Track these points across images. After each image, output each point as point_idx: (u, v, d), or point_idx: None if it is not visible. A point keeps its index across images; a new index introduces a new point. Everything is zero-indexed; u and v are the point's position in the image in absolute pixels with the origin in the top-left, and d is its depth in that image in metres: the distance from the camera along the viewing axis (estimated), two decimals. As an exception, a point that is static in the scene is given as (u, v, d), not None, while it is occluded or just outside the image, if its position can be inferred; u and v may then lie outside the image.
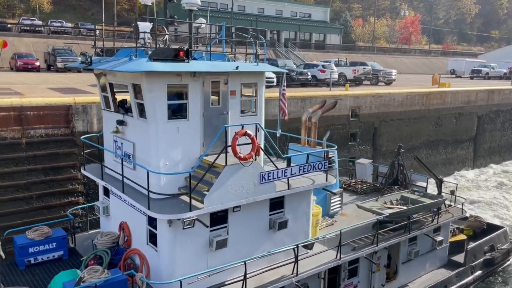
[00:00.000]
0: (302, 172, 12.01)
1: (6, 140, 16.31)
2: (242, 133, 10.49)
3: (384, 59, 70.67)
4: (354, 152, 30.38)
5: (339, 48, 74.09)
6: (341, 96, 29.26)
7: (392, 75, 42.51)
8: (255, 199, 11.04)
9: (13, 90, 21.11)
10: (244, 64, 11.98)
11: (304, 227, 12.91)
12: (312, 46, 71.48)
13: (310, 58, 57.92)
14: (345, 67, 40.76)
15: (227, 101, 11.73)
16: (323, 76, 36.13)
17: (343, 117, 29.32)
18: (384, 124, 31.97)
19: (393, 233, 14.64)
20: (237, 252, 11.34)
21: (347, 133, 29.75)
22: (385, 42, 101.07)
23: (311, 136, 16.22)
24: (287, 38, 70.08)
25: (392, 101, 32.38)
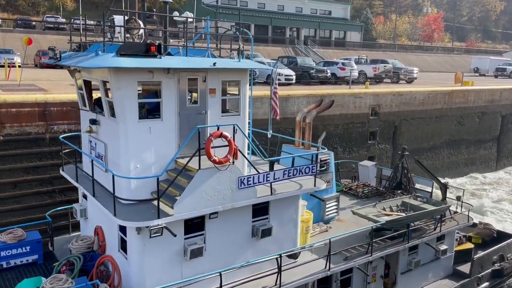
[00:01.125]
0: (287, 177, 11.12)
1: (30, 135, 16.73)
2: (217, 134, 9.69)
3: (406, 57, 69.66)
4: (374, 151, 30.12)
5: (360, 46, 73.35)
6: (361, 94, 29.03)
7: (413, 73, 41.91)
8: (233, 205, 10.26)
9: (37, 86, 21.60)
10: (224, 60, 11.13)
11: (291, 234, 12.06)
12: (332, 44, 70.95)
13: (330, 56, 57.52)
14: (365, 65, 40.37)
15: (206, 100, 10.93)
16: (343, 74, 35.85)
17: (362, 116, 29.08)
18: (404, 122, 31.58)
19: (391, 242, 13.71)
20: (215, 261, 10.62)
21: (366, 131, 29.49)
22: (407, 40, 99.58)
23: (305, 137, 15.29)
24: (307, 35, 69.72)
25: (413, 99, 31.93)
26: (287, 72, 32.56)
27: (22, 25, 47.83)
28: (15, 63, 28.76)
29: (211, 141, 9.56)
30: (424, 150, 33.37)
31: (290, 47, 62.11)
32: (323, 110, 16.54)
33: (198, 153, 9.61)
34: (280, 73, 32.10)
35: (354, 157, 28.95)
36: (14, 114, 16.86)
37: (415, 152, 32.78)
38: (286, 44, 64.08)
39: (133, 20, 10.46)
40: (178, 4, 75.04)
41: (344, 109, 28.05)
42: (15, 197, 16.87)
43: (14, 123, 16.83)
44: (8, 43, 39.72)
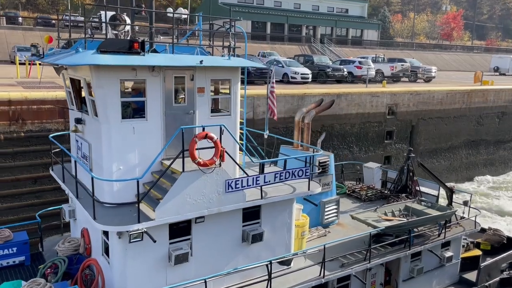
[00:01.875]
0: (279, 180, 10.63)
1: (50, 131, 17.05)
2: (202, 135, 9.24)
3: (424, 56, 68.77)
4: (390, 151, 29.87)
5: (377, 44, 72.69)
6: (378, 93, 28.79)
7: (431, 72, 41.39)
8: (220, 209, 9.79)
9: (57, 84, 21.97)
10: (213, 58, 10.70)
11: (285, 239, 11.55)
12: (348, 42, 70.45)
13: (347, 54, 57.14)
14: (382, 64, 40.01)
15: (194, 99, 10.46)
16: (360, 73, 35.60)
17: (379, 115, 28.85)
18: (422, 122, 31.22)
19: (391, 248, 13.16)
20: (203, 267, 10.20)
21: (383, 131, 29.26)
22: (425, 38, 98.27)
23: (303, 138, 14.72)
24: (323, 33, 69.37)
25: (431, 98, 31.54)
26: (303, 70, 32.48)
27: (42, 23, 48.66)
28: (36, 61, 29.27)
29: (196, 143, 9.17)
30: (442, 150, 32.94)
31: (307, 46, 61.89)
32: (322, 110, 15.98)
33: (182, 155, 9.18)
34: (296, 72, 32.06)
35: (371, 156, 28.75)
36: (35, 111, 17.24)
37: (432, 152, 32.41)
38: (302, 42, 63.86)
39: (119, 16, 10.09)
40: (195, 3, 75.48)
41: (360, 108, 27.87)
42: (34, 193, 17.24)
43: (35, 120, 17.20)
44: (28, 41, 40.48)
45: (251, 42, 56.54)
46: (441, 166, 33.30)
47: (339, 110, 26.85)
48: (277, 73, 31.87)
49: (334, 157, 26.65)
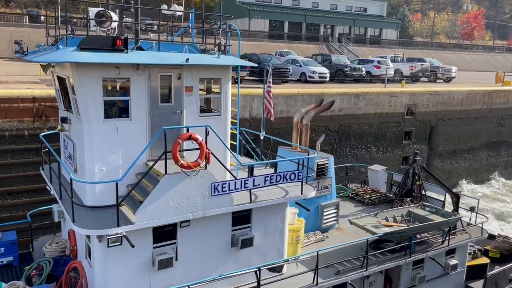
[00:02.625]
0: (269, 183, 10.18)
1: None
2: (185, 136, 8.92)
3: (444, 55, 67.77)
4: (408, 151, 29.59)
5: (396, 44, 71.89)
6: (397, 93, 28.55)
7: (451, 72, 40.79)
8: (205, 213, 9.46)
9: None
10: (200, 56, 10.27)
11: (277, 245, 11.11)
12: (367, 41, 69.84)
13: (365, 54, 56.70)
14: (401, 63, 39.61)
15: (181, 98, 10.08)
16: (378, 72, 35.33)
17: (397, 115, 28.61)
18: (441, 123, 30.84)
19: (390, 255, 12.66)
20: (189, 272, 9.84)
21: (401, 131, 29.01)
22: (445, 38, 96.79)
23: (301, 140, 14.30)
24: (341, 33, 68.94)
25: (451, 99, 31.13)
26: (321, 70, 32.39)
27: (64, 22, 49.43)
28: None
29: (179, 144, 8.85)
30: (461, 151, 32.49)
31: (324, 45, 61.59)
32: (322, 111, 15.52)
33: (164, 157, 8.89)
34: (314, 71, 31.99)
35: (388, 157, 28.56)
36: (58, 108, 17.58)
37: (452, 153, 31.98)
38: (320, 41, 63.58)
39: (104, 13, 9.68)
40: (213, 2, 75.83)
41: (379, 108, 27.68)
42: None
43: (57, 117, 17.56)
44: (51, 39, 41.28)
45: (268, 41, 56.60)
46: (460, 168, 32.84)
47: (357, 110, 26.73)
48: (294, 72, 31.85)
49: (352, 157, 26.71)
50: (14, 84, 19.71)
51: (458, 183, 32.70)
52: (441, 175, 31.85)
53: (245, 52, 40.40)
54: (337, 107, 25.82)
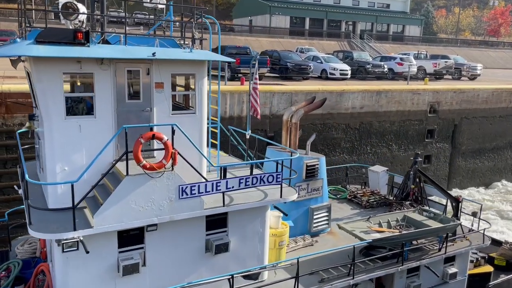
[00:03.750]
0: (245, 186, 9.57)
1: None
2: (147, 136, 8.46)
3: (469, 53, 66.32)
4: (431, 150, 29.16)
5: (419, 40, 70.72)
6: (420, 90, 28.11)
7: (476, 69, 39.91)
8: (172, 217, 8.92)
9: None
10: (170, 51, 9.72)
11: (256, 250, 10.48)
12: (389, 38, 68.91)
13: (387, 51, 55.96)
14: (425, 60, 38.94)
15: (151, 95, 9.56)
16: (401, 69, 34.83)
17: (420, 113, 28.19)
18: (465, 121, 30.25)
19: (381, 263, 11.94)
20: (158, 279, 9.37)
21: (424, 129, 28.58)
22: (470, 34, 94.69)
23: (291, 139, 13.61)
24: (363, 29, 68.18)
25: (475, 97, 30.48)
26: (342, 66, 32.14)
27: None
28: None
29: (141, 144, 8.38)
30: (485, 150, 31.81)
31: (346, 41, 61.07)
32: (313, 109, 14.69)
33: (126, 157, 8.44)
34: (335, 68, 31.77)
35: (410, 155, 28.13)
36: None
37: (476, 152, 31.36)
38: (341, 38, 63.06)
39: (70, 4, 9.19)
40: (234, -2, 75.90)
41: (401, 106, 27.32)
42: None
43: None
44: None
45: (289, 38, 56.43)
46: (484, 167, 32.17)
47: (378, 107, 26.45)
48: (315, 69, 31.69)
49: (372, 155, 26.47)
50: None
51: (482, 183, 32.07)
52: (464, 174, 31.31)
53: (266, 48, 40.41)
54: (358, 104, 25.61)
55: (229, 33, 54.13)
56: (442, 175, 30.23)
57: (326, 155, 24.75)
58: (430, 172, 29.53)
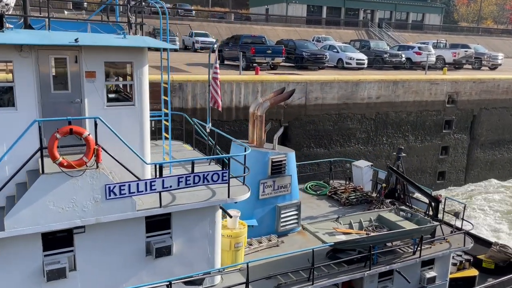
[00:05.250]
0: (185, 185, 8.84)
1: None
2: (64, 131, 7.73)
3: (490, 42, 64.69)
4: (448, 141, 28.72)
5: (439, 29, 69.20)
6: (438, 80, 27.63)
7: (497, 59, 38.92)
8: (99, 219, 8.22)
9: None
10: (99, 37, 8.95)
11: (206, 253, 9.79)
12: (408, 27, 67.60)
13: (406, 40, 54.97)
14: (444, 50, 38.16)
15: (81, 85, 8.76)
16: (419, 59, 34.22)
17: (438, 103, 27.74)
18: (484, 112, 29.66)
19: (347, 267, 11.13)
20: (91, 284, 8.74)
21: (441, 120, 28.15)
22: (492, 23, 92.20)
23: (255, 132, 12.71)
24: (382, 18, 67.01)
25: (495, 87, 29.81)
26: (359, 56, 31.76)
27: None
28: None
29: (57, 139, 7.71)
30: (505, 142, 31.19)
31: (363, 30, 60.15)
32: (280, 101, 13.85)
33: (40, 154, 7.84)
34: (351, 57, 31.43)
35: (427, 146, 27.83)
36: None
37: (495, 144, 30.78)
38: (359, 27, 62.12)
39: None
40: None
41: (418, 96, 26.93)
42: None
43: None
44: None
45: (306, 27, 55.88)
46: (504, 159, 31.57)
47: (395, 97, 26.12)
48: (331, 58, 31.39)
49: (388, 146, 26.21)
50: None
51: (501, 175, 31.50)
52: (482, 166, 30.78)
53: (282, 38, 40.14)
54: (374, 94, 25.33)
55: (245, 22, 53.87)
56: (460, 167, 29.80)
57: (341, 145, 24.74)
58: (447, 163, 29.16)
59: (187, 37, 42.12)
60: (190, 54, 36.79)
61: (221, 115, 20.86)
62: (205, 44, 39.73)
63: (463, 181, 30.16)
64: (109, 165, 8.38)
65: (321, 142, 24.08)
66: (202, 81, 20.41)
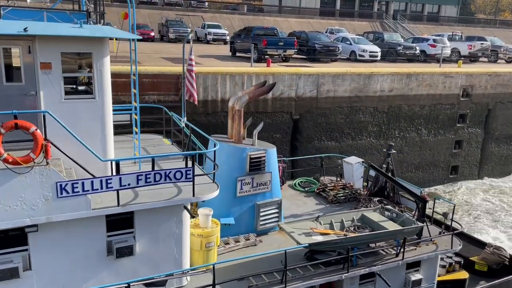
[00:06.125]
0: (144, 183, 8.39)
1: (125, 103, 18.17)
2: (9, 125, 7.34)
3: (508, 34, 63.36)
4: (462, 135, 28.36)
5: (455, 21, 68.02)
6: (452, 73, 27.24)
7: (515, 51, 38.21)
8: (50, 218, 7.84)
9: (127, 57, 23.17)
10: (53, 26, 8.48)
11: (173, 253, 9.42)
12: (424, 19, 66.58)
13: (421, 32, 54.17)
14: (459, 42, 37.53)
15: (36, 77, 8.36)
16: (434, 51, 33.74)
17: (452, 96, 27.37)
18: (500, 106, 29.19)
19: (324, 269, 10.61)
20: (47, 284, 8.40)
21: (455, 113, 27.79)
22: (511, 15, 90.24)
23: (234, 127, 12.20)
24: (397, 9, 66.09)
25: (512, 81, 29.32)
26: (372, 48, 31.44)
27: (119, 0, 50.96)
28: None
29: (1, 134, 7.31)
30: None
31: (378, 22, 59.41)
32: (258, 95, 13.32)
33: None
34: (364, 49, 31.12)
35: (440, 140, 27.52)
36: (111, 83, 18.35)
37: (510, 138, 30.34)
38: (373, 18, 61.37)
39: None
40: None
41: (432, 89, 26.60)
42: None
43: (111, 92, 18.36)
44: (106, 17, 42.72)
45: (319, 19, 55.40)
46: (519, 154, 31.11)
47: (408, 90, 25.85)
48: (344, 50, 31.13)
49: (401, 139, 25.99)
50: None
51: (516, 170, 31.07)
52: (496, 161, 30.37)
53: (295, 29, 39.88)
54: (387, 87, 25.09)
55: (258, 13, 53.63)
56: (473, 161, 29.44)
57: (352, 139, 24.61)
58: (460, 158, 28.83)
59: (199, 28, 42.12)
60: (203, 45, 36.82)
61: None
62: (217, 35, 39.70)
63: (476, 175, 29.79)
64: (70, 162, 8.00)
65: (332, 135, 23.99)
66: (213, 73, 20.45)
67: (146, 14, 47.03)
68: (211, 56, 27.48)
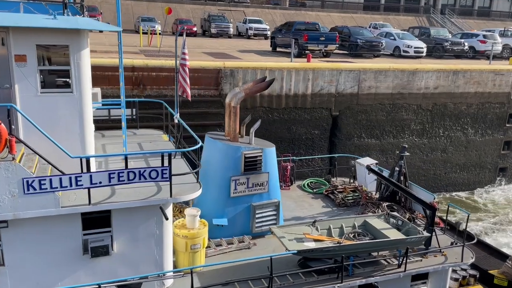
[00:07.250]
0: (117, 182, 8.07)
1: (166, 97, 18.55)
2: None
3: None
4: (512, 136, 27.04)
5: (508, 16, 64.74)
6: (503, 71, 25.95)
7: None
8: (16, 215, 7.68)
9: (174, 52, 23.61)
10: (27, 17, 8.30)
11: (153, 254, 9.14)
12: (474, 13, 63.77)
13: (470, 27, 51.93)
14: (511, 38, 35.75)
15: (10, 70, 8.20)
16: (483, 48, 32.27)
17: (502, 95, 26.10)
18: (554, 106, 27.56)
19: (316, 277, 10.03)
20: (21, 280, 8.30)
21: (505, 113, 26.50)
22: None
23: (230, 124, 11.68)
24: (445, 3, 63.61)
25: None
26: (417, 44, 30.48)
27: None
28: (156, 30, 31.63)
29: None
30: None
31: (425, 17, 57.48)
32: (256, 91, 12.89)
33: None
34: (409, 45, 30.23)
35: (487, 140, 26.34)
36: (154, 77, 18.85)
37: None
38: (420, 13, 59.43)
39: None
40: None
41: (480, 87, 25.46)
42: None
43: (153, 86, 18.85)
44: (151, 12, 43.71)
45: (363, 13, 54.27)
46: None
47: (454, 88, 24.87)
48: (388, 46, 30.36)
49: (445, 139, 25.06)
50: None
51: None
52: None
53: (337, 24, 39.27)
54: (432, 84, 24.25)
55: (300, 8, 53.19)
56: (524, 164, 28.01)
57: (394, 137, 23.98)
58: (510, 159, 27.49)
59: (241, 23, 42.29)
60: (244, 40, 36.96)
61: (270, 103, 20.88)
62: (258, 30, 39.73)
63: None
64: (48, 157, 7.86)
65: (372, 133, 23.47)
66: (253, 68, 20.48)
67: (189, 8, 47.76)
68: (251, 51, 27.54)
